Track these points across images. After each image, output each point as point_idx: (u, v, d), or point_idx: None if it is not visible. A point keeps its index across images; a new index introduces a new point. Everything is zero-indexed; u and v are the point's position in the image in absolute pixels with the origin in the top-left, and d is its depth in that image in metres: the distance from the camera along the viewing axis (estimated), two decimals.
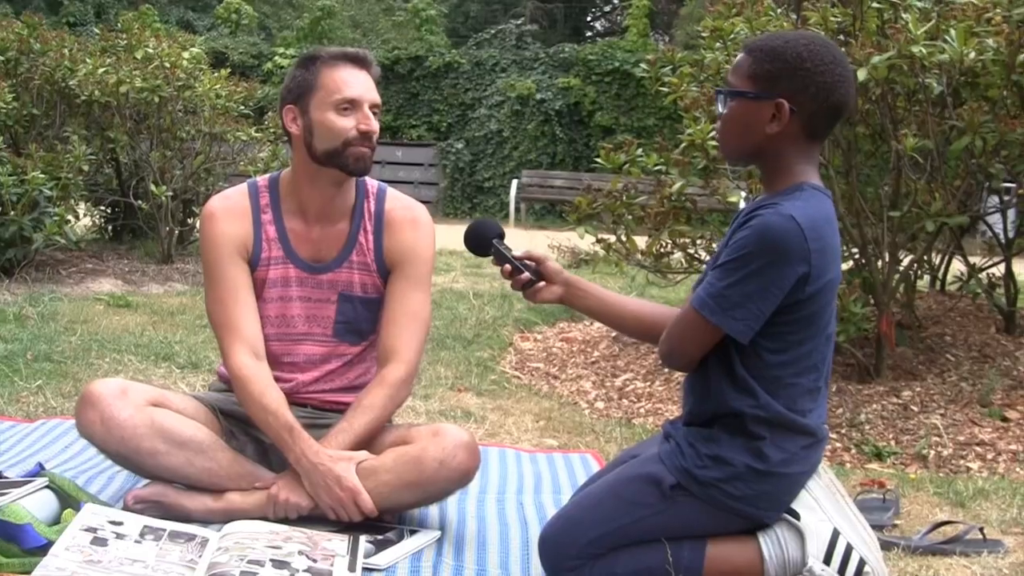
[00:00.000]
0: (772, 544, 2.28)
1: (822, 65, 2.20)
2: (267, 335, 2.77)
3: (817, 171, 2.32)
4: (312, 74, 2.68)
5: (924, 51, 3.79)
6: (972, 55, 3.79)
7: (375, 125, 2.68)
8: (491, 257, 2.50)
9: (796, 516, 2.28)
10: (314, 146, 2.67)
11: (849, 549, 2.24)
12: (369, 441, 2.65)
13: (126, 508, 2.57)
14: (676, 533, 2.29)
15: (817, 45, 2.23)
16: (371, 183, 2.83)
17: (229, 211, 2.76)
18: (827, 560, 2.25)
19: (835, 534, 2.25)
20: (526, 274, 2.46)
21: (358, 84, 2.67)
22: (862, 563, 2.23)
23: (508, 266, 2.46)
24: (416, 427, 2.74)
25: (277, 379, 2.75)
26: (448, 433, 2.59)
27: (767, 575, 2.28)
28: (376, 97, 2.70)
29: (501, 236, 2.51)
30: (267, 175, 2.86)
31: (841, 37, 4.26)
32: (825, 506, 2.29)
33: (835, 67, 2.22)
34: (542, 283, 2.48)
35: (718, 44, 4.91)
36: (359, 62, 2.71)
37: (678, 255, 5.24)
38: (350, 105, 2.65)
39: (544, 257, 2.50)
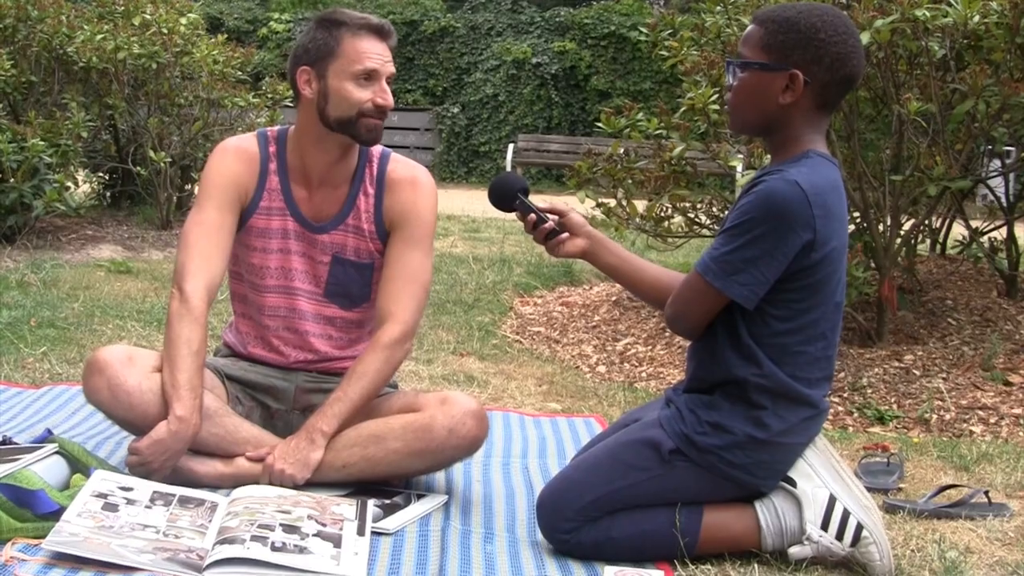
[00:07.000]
0: (769, 513, 2.30)
1: (836, 36, 2.20)
2: (268, 286, 2.79)
3: (825, 140, 2.32)
4: (334, 39, 2.65)
5: (927, 14, 3.78)
6: (976, 18, 3.78)
7: (391, 100, 2.68)
8: (515, 212, 2.50)
9: (792, 484, 2.30)
10: (327, 112, 2.66)
11: (846, 514, 2.26)
12: (366, 406, 2.66)
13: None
14: (673, 498, 2.31)
15: (830, 16, 2.22)
16: (375, 148, 2.82)
17: (241, 152, 2.77)
18: (824, 526, 2.27)
19: (831, 500, 2.27)
20: (550, 223, 2.45)
21: (379, 56, 2.65)
22: (859, 527, 2.25)
23: (533, 216, 2.46)
24: (424, 394, 2.74)
25: (278, 337, 2.80)
26: (457, 401, 2.60)
27: (764, 543, 2.31)
28: (393, 70, 2.70)
29: (525, 191, 2.50)
30: (276, 127, 2.84)
31: (844, 0, 4.25)
32: (821, 473, 2.30)
33: (848, 38, 2.21)
34: (565, 235, 2.47)
35: (719, 7, 4.89)
36: (382, 33, 2.68)
37: (678, 219, 5.25)
38: (369, 77, 2.64)
39: (568, 210, 2.50)
